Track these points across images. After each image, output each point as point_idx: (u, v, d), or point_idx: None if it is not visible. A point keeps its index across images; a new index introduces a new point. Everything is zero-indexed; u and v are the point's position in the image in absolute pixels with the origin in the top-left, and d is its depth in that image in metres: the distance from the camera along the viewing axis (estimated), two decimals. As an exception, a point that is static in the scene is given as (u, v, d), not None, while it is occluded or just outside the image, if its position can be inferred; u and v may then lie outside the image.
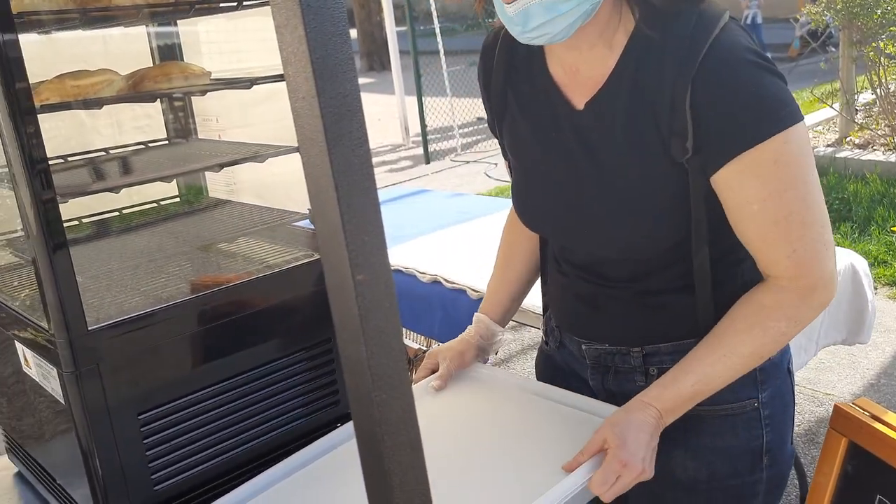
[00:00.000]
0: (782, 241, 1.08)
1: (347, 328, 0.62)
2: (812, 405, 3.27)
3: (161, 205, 1.68)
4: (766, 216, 1.08)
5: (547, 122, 1.21)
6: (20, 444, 1.43)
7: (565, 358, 1.37)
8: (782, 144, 1.04)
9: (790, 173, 1.06)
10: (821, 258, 1.09)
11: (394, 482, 0.64)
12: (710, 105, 1.05)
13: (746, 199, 1.08)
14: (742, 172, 1.06)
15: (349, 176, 0.58)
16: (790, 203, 1.06)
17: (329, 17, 0.56)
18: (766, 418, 1.22)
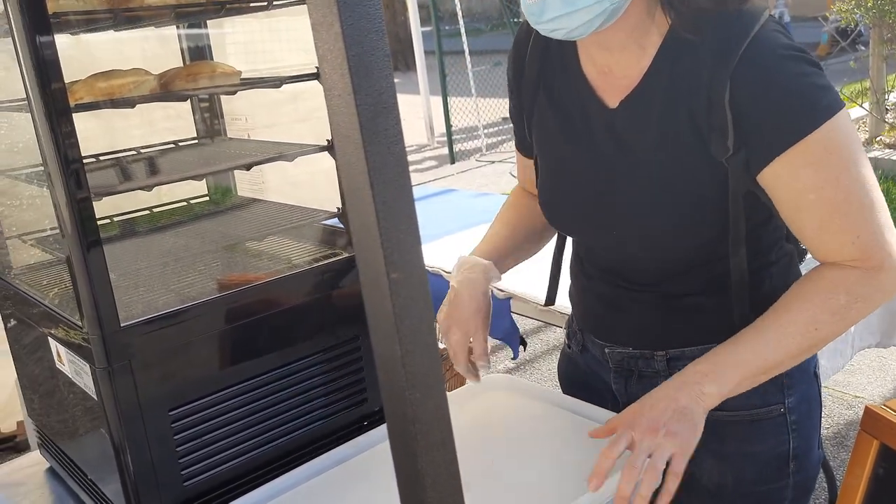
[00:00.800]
0: (845, 228, 1.06)
1: (382, 326, 0.62)
2: (841, 408, 3.23)
3: (190, 204, 1.69)
4: (825, 204, 1.05)
5: (578, 119, 1.20)
6: (52, 440, 1.44)
7: (588, 361, 1.36)
8: (831, 131, 1.03)
9: (843, 158, 1.04)
10: (885, 239, 1.06)
11: (426, 481, 0.64)
12: (752, 101, 1.04)
13: (802, 189, 1.05)
14: (793, 164, 1.04)
15: (385, 173, 0.58)
16: (847, 187, 1.04)
17: (365, 14, 0.56)
18: (793, 423, 1.21)
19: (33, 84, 1.04)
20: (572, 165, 1.23)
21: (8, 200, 1.51)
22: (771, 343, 1.06)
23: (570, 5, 1.02)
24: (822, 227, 1.06)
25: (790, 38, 1.07)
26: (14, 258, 1.47)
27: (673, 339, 1.22)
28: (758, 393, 1.16)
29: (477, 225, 3.09)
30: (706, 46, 1.06)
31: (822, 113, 1.03)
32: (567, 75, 1.21)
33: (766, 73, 1.04)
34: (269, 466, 1.29)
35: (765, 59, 1.04)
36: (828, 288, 1.07)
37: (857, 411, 3.19)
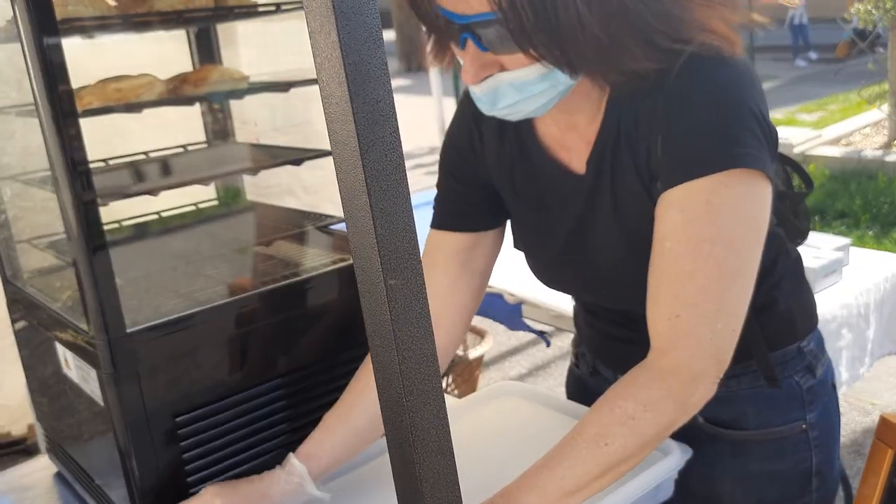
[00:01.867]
0: (671, 298, 0.95)
1: (379, 333, 0.62)
2: (858, 415, 3.20)
3: (199, 208, 1.70)
4: (670, 261, 0.95)
5: (551, 196, 1.13)
6: (60, 445, 1.45)
7: (599, 384, 1.32)
8: (722, 186, 0.92)
9: (718, 226, 0.93)
10: (699, 343, 0.94)
11: (424, 488, 0.64)
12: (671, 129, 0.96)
13: (663, 233, 0.96)
14: (671, 204, 0.95)
15: (382, 181, 0.58)
16: (702, 260, 0.93)
17: (362, 22, 0.56)
18: (815, 440, 1.18)
19: (40, 88, 1.05)
20: (546, 234, 1.16)
21: (19, 204, 1.52)
22: (566, 465, 0.95)
23: (524, 92, 0.95)
24: (658, 283, 0.97)
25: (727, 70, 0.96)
26: (23, 262, 1.47)
27: None
28: (778, 411, 1.14)
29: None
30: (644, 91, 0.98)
31: (721, 162, 0.92)
32: (525, 153, 1.14)
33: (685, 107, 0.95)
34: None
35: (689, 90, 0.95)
36: (616, 394, 0.97)
37: (874, 418, 3.16)
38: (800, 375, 1.18)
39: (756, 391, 1.16)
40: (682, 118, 0.95)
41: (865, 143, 6.69)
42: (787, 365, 1.17)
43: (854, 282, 2.32)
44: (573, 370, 1.44)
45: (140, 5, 1.23)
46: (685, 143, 0.95)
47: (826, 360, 1.23)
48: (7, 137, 1.50)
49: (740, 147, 0.92)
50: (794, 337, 1.18)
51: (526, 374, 3.83)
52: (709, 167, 0.92)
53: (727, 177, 0.92)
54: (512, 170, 1.16)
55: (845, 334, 2.23)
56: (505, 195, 1.19)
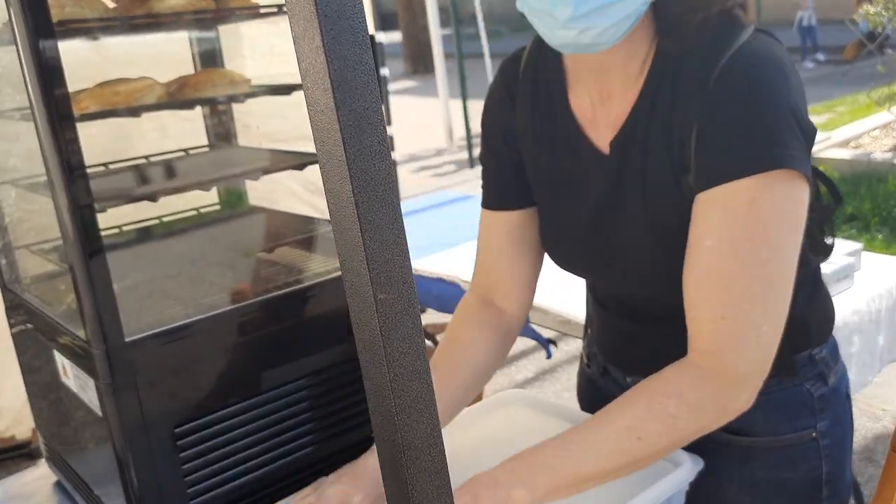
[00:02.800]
0: (716, 300, 0.94)
1: (369, 349, 0.60)
2: (868, 421, 3.17)
3: (201, 213, 1.68)
4: (713, 260, 0.94)
5: (575, 170, 1.12)
6: (59, 454, 1.44)
7: (609, 385, 1.31)
8: (763, 187, 0.91)
9: (762, 226, 0.92)
10: (746, 344, 0.94)
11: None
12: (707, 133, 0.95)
13: (703, 232, 0.95)
14: (712, 203, 0.94)
15: (369, 191, 0.56)
16: (744, 260, 0.92)
17: (348, 27, 0.54)
18: (825, 448, 1.15)
19: (36, 91, 1.04)
20: (568, 210, 1.15)
21: (19, 208, 1.51)
22: (589, 451, 0.95)
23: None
24: (699, 284, 0.96)
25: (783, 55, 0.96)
26: (22, 268, 1.46)
27: None
28: (788, 418, 1.12)
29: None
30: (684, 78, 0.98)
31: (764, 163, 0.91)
32: (556, 120, 1.13)
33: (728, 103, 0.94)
34: (276, 485, 1.27)
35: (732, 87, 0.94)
36: (658, 389, 0.97)
37: (885, 424, 3.13)
38: (811, 383, 1.16)
39: (766, 398, 1.13)
40: (724, 115, 0.94)
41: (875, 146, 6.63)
42: (799, 372, 1.15)
43: (866, 287, 2.28)
44: (584, 370, 1.42)
45: (139, 7, 1.22)
46: (727, 142, 0.94)
47: (840, 370, 1.20)
48: (7, 141, 1.48)
49: (783, 148, 0.92)
50: (806, 344, 1.16)
51: (532, 378, 3.81)
52: (752, 168, 0.92)
53: (770, 178, 0.92)
54: (540, 138, 1.15)
55: (856, 340, 2.20)
56: (530, 165, 1.18)
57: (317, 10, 0.52)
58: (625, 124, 1.04)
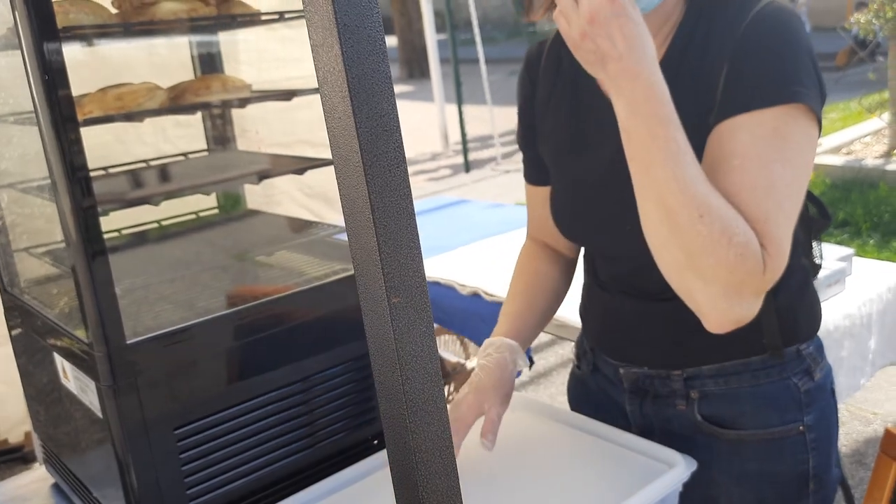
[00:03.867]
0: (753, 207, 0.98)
1: (382, 352, 0.61)
2: (859, 424, 3.19)
3: (199, 216, 1.69)
4: (743, 177, 0.99)
5: (593, 129, 1.18)
6: (57, 456, 1.44)
7: (599, 383, 1.34)
8: (787, 117, 0.99)
9: (786, 150, 0.99)
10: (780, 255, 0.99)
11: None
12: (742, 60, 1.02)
13: (730, 151, 1.00)
14: (737, 129, 1.00)
15: (385, 196, 0.57)
16: (774, 178, 0.99)
17: (366, 36, 0.55)
18: (812, 442, 1.18)
19: (40, 94, 1.04)
20: (587, 174, 1.19)
21: (17, 212, 1.51)
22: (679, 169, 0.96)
23: None
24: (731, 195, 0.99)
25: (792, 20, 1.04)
26: (21, 271, 1.46)
27: (690, 357, 1.19)
28: (775, 411, 1.15)
29: (492, 236, 3.07)
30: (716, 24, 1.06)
31: (788, 96, 0.99)
32: (579, 89, 1.20)
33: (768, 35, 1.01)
34: (277, 486, 1.27)
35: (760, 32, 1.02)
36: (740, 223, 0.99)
37: (875, 428, 3.15)
38: (798, 377, 1.18)
39: (755, 390, 1.17)
40: (754, 53, 1.01)
41: (866, 152, 6.68)
42: (786, 367, 1.17)
43: (857, 292, 2.30)
44: (574, 372, 1.44)
45: (142, 13, 1.22)
46: (755, 76, 1.01)
47: (825, 366, 1.23)
48: (5, 144, 1.49)
49: (804, 87, 1.00)
50: (794, 339, 1.18)
51: (527, 381, 3.82)
52: (777, 99, 0.99)
53: (791, 109, 0.99)
54: (560, 105, 1.23)
55: (847, 344, 2.22)
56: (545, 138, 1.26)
57: (336, 20, 0.53)
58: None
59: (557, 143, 1.25)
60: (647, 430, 1.26)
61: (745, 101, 1.00)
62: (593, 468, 1.19)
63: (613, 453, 1.22)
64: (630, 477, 1.15)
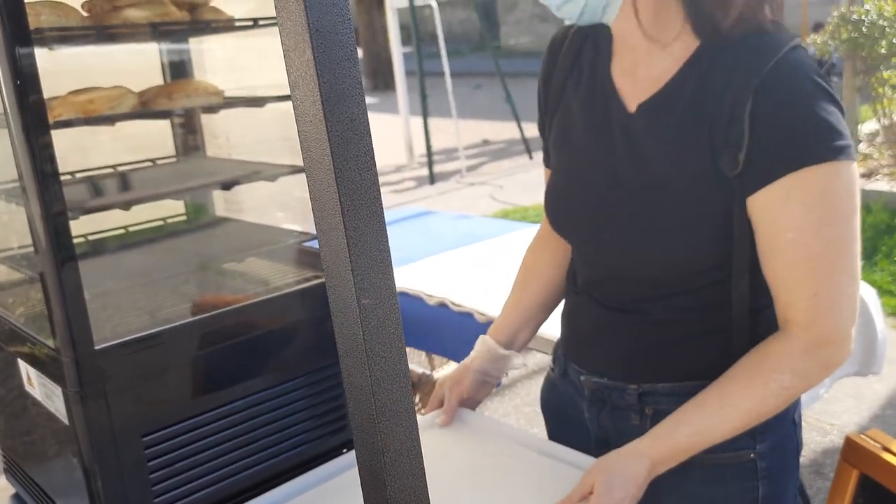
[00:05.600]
0: (808, 281, 1.03)
1: (351, 354, 0.62)
2: (817, 435, 3.24)
3: (166, 223, 1.68)
4: (799, 249, 1.02)
5: (599, 121, 1.19)
6: (18, 465, 1.42)
7: (567, 388, 1.34)
8: (833, 175, 1.00)
9: (834, 209, 1.01)
10: (841, 310, 1.04)
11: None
12: (768, 116, 1.01)
13: (785, 226, 1.03)
14: (785, 196, 1.02)
15: (355, 200, 0.58)
16: (826, 240, 1.01)
17: (338, 41, 0.56)
18: (763, 470, 1.18)
19: (11, 98, 1.04)
20: (584, 166, 1.21)
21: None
22: (717, 428, 1.08)
23: None
24: (789, 271, 1.04)
25: (822, 74, 1.04)
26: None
27: (646, 372, 1.19)
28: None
29: (457, 248, 3.09)
30: (737, 62, 1.05)
31: (830, 152, 0.99)
32: (594, 78, 1.21)
33: (789, 92, 1.02)
34: (245, 494, 1.27)
35: (792, 79, 1.02)
36: (772, 367, 1.06)
37: (832, 438, 3.20)
38: None
39: None
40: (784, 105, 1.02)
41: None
42: None
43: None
44: (549, 375, 1.45)
45: (113, 17, 1.22)
46: (793, 133, 1.01)
47: None
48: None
49: (842, 138, 1.01)
50: None
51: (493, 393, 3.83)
52: (819, 157, 1.00)
53: (834, 166, 1.00)
54: (570, 94, 1.25)
55: (807, 356, 2.26)
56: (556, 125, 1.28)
57: (308, 25, 0.54)
58: (657, 94, 1.12)
59: (559, 131, 1.27)
60: (603, 441, 1.26)
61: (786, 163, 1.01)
62: (522, 480, 1.20)
63: (558, 471, 1.21)
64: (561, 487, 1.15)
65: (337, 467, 1.28)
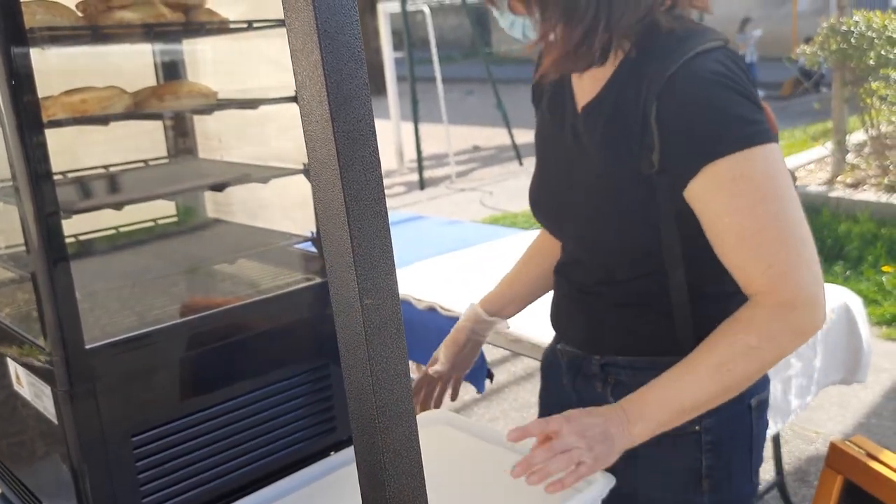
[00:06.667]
0: (757, 256, 1.09)
1: (353, 353, 0.62)
2: (802, 443, 3.26)
3: (158, 224, 1.68)
4: (737, 231, 1.09)
5: (559, 121, 1.29)
6: (5, 465, 1.41)
7: (557, 357, 1.42)
8: (748, 161, 1.06)
9: (761, 189, 1.07)
10: (801, 275, 1.09)
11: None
12: (673, 120, 1.09)
13: (718, 212, 1.09)
14: (708, 187, 1.09)
15: (360, 200, 0.58)
16: (763, 218, 1.07)
17: (345, 43, 0.57)
18: (708, 444, 1.24)
19: (5, 97, 1.03)
20: (549, 162, 1.31)
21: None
22: (688, 386, 1.12)
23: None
24: (735, 252, 1.10)
25: (733, 69, 1.09)
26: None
27: (606, 346, 1.28)
28: None
29: (447, 252, 3.09)
30: (648, 69, 1.12)
31: (739, 141, 1.06)
32: (560, 82, 1.30)
33: (688, 94, 1.08)
34: (234, 496, 1.26)
35: (690, 82, 1.08)
36: (738, 329, 1.11)
37: (817, 447, 3.22)
38: None
39: None
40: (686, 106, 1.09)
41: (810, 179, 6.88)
42: None
43: (803, 313, 2.37)
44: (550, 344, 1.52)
45: (107, 17, 1.22)
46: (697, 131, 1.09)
47: None
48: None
49: (749, 126, 1.07)
50: None
51: (480, 398, 3.83)
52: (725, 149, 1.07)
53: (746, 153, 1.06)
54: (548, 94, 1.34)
55: (795, 363, 2.28)
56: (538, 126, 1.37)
57: (317, 26, 0.54)
58: (594, 98, 1.20)
59: (537, 130, 1.37)
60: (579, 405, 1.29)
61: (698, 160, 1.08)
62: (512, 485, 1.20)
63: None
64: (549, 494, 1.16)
65: (324, 468, 1.28)
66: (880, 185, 6.24)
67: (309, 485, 1.26)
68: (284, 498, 1.22)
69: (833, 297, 2.47)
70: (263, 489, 1.22)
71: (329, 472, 1.30)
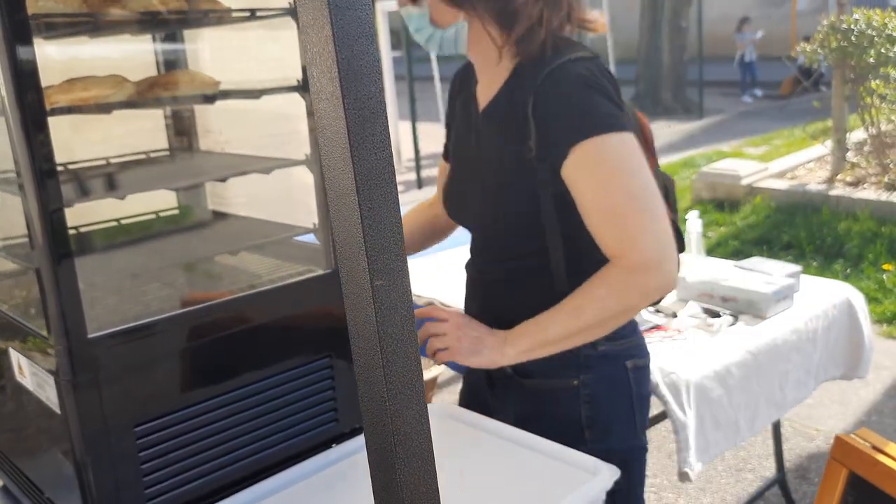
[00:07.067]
0: (611, 228, 1.29)
1: (363, 335, 0.61)
2: (803, 440, 3.26)
3: (159, 216, 1.67)
4: (595, 205, 1.30)
5: (467, 122, 1.51)
6: (7, 456, 1.40)
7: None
8: (602, 145, 1.27)
9: (614, 170, 1.28)
10: (646, 244, 1.28)
11: (405, 494, 0.63)
12: (545, 111, 1.30)
13: (582, 190, 1.31)
14: (576, 166, 1.29)
15: (371, 180, 0.58)
16: (614, 195, 1.28)
17: (356, 18, 0.56)
18: (586, 397, 1.43)
19: (9, 88, 1.02)
20: (460, 162, 1.53)
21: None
22: (552, 323, 1.34)
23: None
24: (597, 225, 1.31)
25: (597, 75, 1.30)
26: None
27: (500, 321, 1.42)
28: (555, 368, 1.42)
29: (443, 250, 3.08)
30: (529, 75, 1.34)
31: (594, 128, 1.27)
32: (469, 90, 1.52)
33: (559, 90, 1.30)
34: (237, 487, 1.26)
35: (560, 81, 1.30)
36: (594, 282, 1.32)
37: (818, 444, 3.22)
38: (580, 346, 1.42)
39: None
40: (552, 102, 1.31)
41: (810, 177, 6.88)
42: None
43: (804, 308, 2.37)
44: None
45: (111, 5, 1.21)
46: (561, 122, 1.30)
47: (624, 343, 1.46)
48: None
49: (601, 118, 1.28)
50: None
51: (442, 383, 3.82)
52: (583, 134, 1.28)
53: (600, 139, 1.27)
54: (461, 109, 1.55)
55: (794, 357, 2.28)
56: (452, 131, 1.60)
57: (327, 0, 0.54)
58: (490, 102, 1.43)
59: (453, 131, 1.59)
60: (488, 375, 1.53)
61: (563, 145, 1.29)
62: (516, 477, 1.20)
63: (535, 462, 1.25)
64: (553, 486, 1.16)
65: (327, 460, 1.28)
66: (880, 184, 6.24)
67: (311, 476, 1.26)
68: (286, 489, 1.22)
69: (835, 292, 2.47)
70: (265, 480, 1.22)
71: (331, 464, 1.29)
